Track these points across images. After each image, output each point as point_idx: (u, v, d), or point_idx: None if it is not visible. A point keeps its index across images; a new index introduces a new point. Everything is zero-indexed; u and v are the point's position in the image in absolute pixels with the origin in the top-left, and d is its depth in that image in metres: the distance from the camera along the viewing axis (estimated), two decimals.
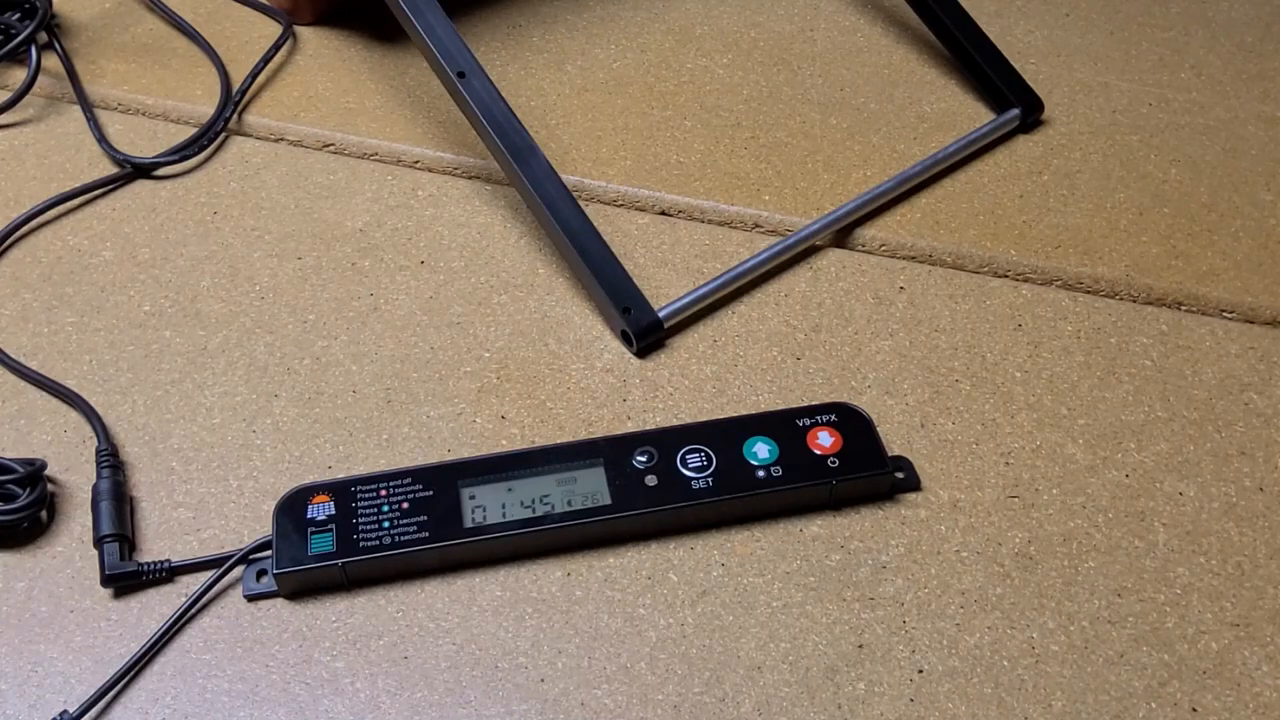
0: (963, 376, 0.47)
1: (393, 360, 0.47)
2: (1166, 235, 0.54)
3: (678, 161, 0.57)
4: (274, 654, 0.38)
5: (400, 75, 0.62)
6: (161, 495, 0.43)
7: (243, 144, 0.58)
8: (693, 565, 0.41)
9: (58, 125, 0.59)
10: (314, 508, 0.40)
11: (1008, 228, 0.54)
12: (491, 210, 0.54)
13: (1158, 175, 0.57)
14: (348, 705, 0.37)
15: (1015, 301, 0.51)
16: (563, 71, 0.62)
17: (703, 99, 0.61)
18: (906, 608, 0.39)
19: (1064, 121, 0.60)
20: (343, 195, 0.55)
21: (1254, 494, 0.43)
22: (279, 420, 0.45)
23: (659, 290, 0.50)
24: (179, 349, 0.48)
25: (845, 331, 0.49)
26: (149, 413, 0.45)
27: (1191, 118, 0.61)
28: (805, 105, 0.61)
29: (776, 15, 0.67)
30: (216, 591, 0.40)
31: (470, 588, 0.40)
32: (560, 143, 0.58)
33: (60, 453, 0.44)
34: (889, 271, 0.52)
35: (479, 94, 0.50)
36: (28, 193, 0.54)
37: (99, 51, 0.63)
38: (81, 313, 0.49)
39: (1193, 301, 0.51)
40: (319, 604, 0.39)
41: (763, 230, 0.54)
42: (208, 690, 0.37)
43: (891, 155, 0.58)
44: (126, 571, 0.39)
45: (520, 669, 0.38)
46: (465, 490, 0.41)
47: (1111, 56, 0.65)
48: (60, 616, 0.39)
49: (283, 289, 0.50)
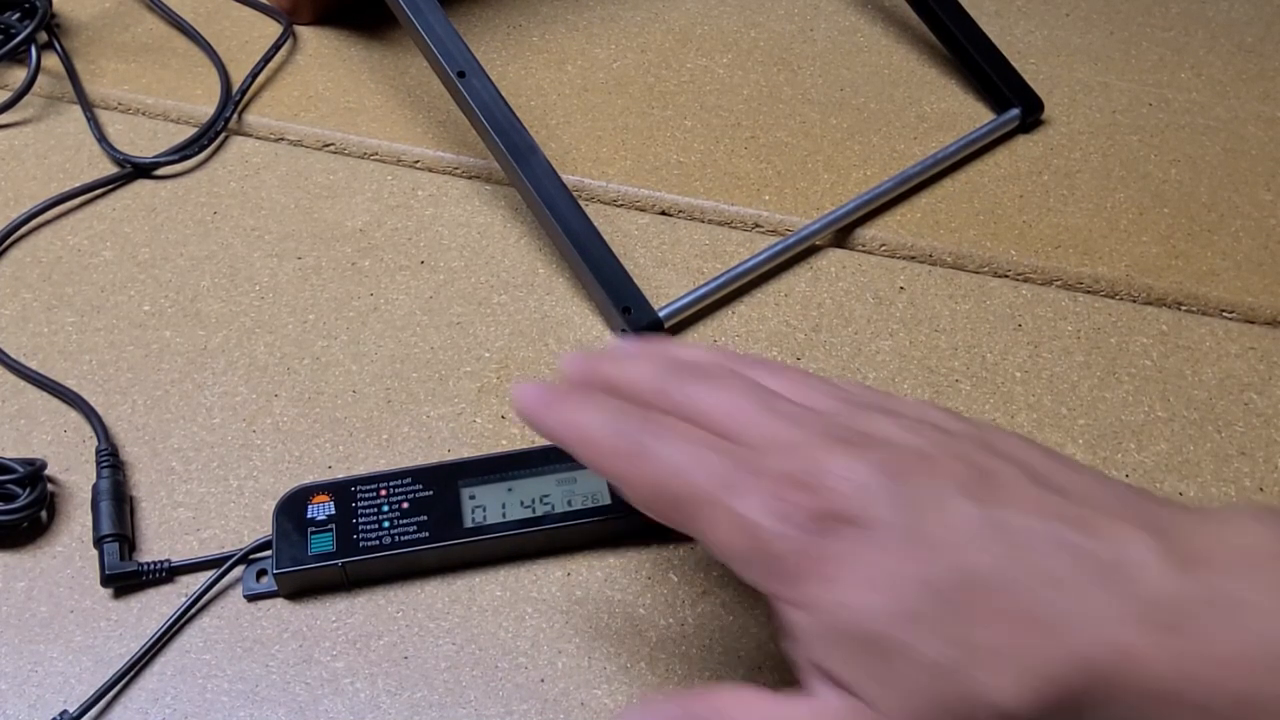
0: (963, 376, 0.47)
1: (393, 360, 0.47)
2: (1166, 235, 0.54)
3: (678, 161, 0.57)
4: (274, 654, 0.38)
5: (400, 75, 0.62)
6: (161, 495, 0.43)
7: (243, 144, 0.58)
8: (693, 565, 0.41)
9: (58, 125, 0.59)
10: (314, 508, 0.40)
11: (1008, 228, 0.54)
12: (491, 210, 0.54)
13: (1158, 175, 0.57)
14: (348, 705, 0.37)
15: (1015, 301, 0.51)
16: (563, 71, 0.62)
17: (703, 99, 0.61)
18: None
19: (1064, 121, 0.60)
20: (343, 195, 0.55)
21: (1254, 494, 0.43)
22: (279, 420, 0.45)
23: (659, 290, 0.50)
24: (179, 349, 0.48)
25: (845, 331, 0.49)
26: (149, 413, 0.45)
27: (1191, 118, 0.61)
28: (805, 105, 0.61)
29: (776, 15, 0.67)
30: (216, 591, 0.40)
31: (470, 588, 0.40)
32: (560, 143, 0.58)
33: (60, 453, 0.44)
34: (889, 271, 0.52)
35: (479, 94, 0.50)
36: (28, 193, 0.54)
37: (99, 51, 0.63)
38: (81, 313, 0.49)
39: (1193, 301, 0.51)
40: (319, 604, 0.39)
41: (763, 230, 0.54)
42: (208, 690, 0.37)
43: (891, 155, 0.58)
44: (126, 571, 0.39)
45: (520, 669, 0.38)
46: (465, 490, 0.41)
47: (1111, 56, 0.65)
48: (60, 616, 0.39)
49: (283, 289, 0.50)
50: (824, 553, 0.26)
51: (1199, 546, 0.25)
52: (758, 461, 0.27)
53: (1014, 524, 0.25)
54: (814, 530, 0.26)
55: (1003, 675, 0.24)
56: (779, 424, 0.28)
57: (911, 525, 0.25)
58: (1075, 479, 0.27)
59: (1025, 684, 0.24)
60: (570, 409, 0.30)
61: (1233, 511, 0.26)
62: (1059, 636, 0.24)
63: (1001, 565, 0.25)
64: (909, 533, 0.25)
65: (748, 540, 0.26)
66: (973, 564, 0.25)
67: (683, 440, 0.28)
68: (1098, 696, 0.24)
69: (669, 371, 0.30)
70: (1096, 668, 0.24)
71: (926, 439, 0.27)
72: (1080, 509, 0.26)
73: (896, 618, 0.25)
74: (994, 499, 0.26)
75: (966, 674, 0.24)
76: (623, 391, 0.31)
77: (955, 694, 0.24)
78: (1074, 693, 0.24)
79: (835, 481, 0.26)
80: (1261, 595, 0.24)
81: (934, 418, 0.29)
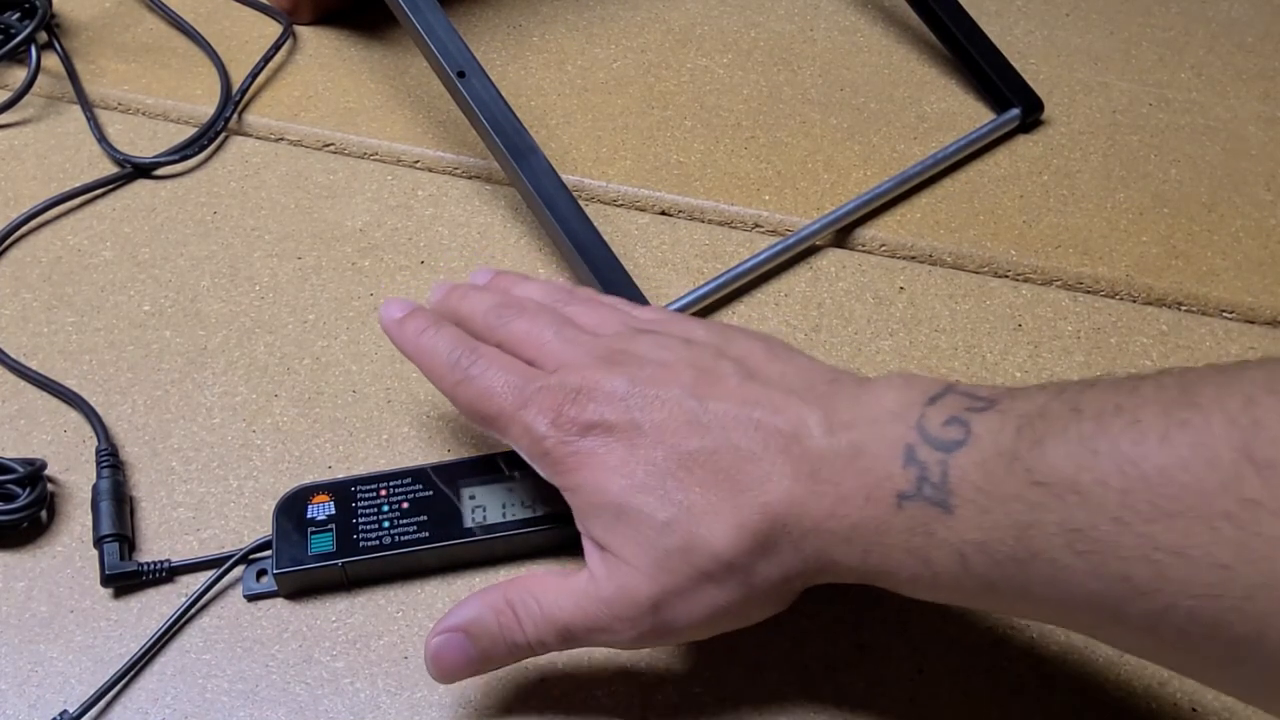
0: (963, 376, 0.47)
1: (393, 360, 0.47)
2: (1166, 235, 0.54)
3: (678, 161, 0.57)
4: (274, 654, 0.38)
5: (400, 75, 0.62)
6: (161, 495, 0.43)
7: (243, 144, 0.58)
8: None
9: (58, 125, 0.59)
10: (314, 507, 0.40)
11: (1008, 228, 0.54)
12: (491, 210, 0.54)
13: (1158, 175, 0.57)
14: (348, 705, 0.37)
15: (1015, 301, 0.51)
16: (563, 71, 0.62)
17: (703, 99, 0.61)
18: (907, 607, 0.39)
19: (1064, 121, 0.60)
20: (343, 195, 0.55)
21: None
22: (279, 420, 0.45)
23: (659, 290, 0.50)
24: (179, 349, 0.48)
25: (845, 331, 0.49)
26: (149, 413, 0.45)
27: (1191, 118, 0.61)
28: (805, 105, 0.61)
29: (776, 15, 0.67)
30: (216, 591, 0.40)
31: (470, 588, 0.40)
32: (560, 143, 0.58)
33: (60, 453, 0.44)
34: (889, 271, 0.52)
35: (479, 94, 0.50)
36: (28, 193, 0.54)
37: (99, 51, 0.63)
38: (81, 313, 0.49)
39: (1193, 301, 0.51)
40: (319, 604, 0.39)
41: (763, 230, 0.54)
42: (208, 690, 0.37)
43: (891, 155, 0.58)
44: (126, 571, 0.39)
45: (520, 669, 0.38)
46: (465, 490, 0.41)
47: (1111, 56, 0.65)
48: (60, 616, 0.39)
49: (283, 289, 0.50)
50: (583, 449, 0.34)
51: (847, 413, 0.32)
52: (546, 380, 0.35)
53: (720, 411, 0.33)
54: (577, 433, 0.34)
55: (714, 527, 0.32)
56: (567, 349, 0.36)
57: (645, 421, 0.34)
58: (781, 369, 0.35)
59: (731, 532, 0.32)
60: (420, 334, 0.39)
61: (880, 380, 0.33)
62: (751, 494, 0.32)
63: (708, 444, 0.33)
64: (643, 428, 0.34)
65: (536, 444, 0.35)
66: (687, 446, 0.33)
67: (495, 367, 0.36)
68: (780, 535, 0.32)
69: (500, 308, 0.39)
70: (777, 514, 0.32)
71: (672, 352, 0.36)
72: (773, 393, 0.33)
73: (632, 491, 0.33)
74: (710, 394, 0.34)
75: (687, 528, 0.32)
76: (464, 322, 0.39)
77: (681, 544, 0.32)
78: (765, 534, 0.32)
79: (596, 394, 0.34)
80: (875, 444, 0.31)
81: (685, 332, 0.37)
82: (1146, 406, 0.27)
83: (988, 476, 0.29)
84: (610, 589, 0.33)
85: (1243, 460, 0.25)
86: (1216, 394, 0.27)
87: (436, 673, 0.35)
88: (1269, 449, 0.25)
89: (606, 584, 0.33)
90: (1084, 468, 0.27)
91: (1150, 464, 0.26)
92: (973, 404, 0.31)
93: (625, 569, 0.33)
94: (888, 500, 0.30)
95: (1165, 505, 0.26)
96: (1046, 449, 0.28)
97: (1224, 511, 0.25)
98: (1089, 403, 0.29)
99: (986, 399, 0.31)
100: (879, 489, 0.31)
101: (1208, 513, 0.25)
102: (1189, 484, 0.26)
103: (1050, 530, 0.28)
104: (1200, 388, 0.27)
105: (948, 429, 0.30)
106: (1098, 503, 0.27)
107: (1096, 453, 0.27)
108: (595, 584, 0.33)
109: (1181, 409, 0.27)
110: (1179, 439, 0.26)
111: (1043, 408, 0.29)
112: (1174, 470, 0.26)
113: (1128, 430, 0.27)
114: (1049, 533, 0.28)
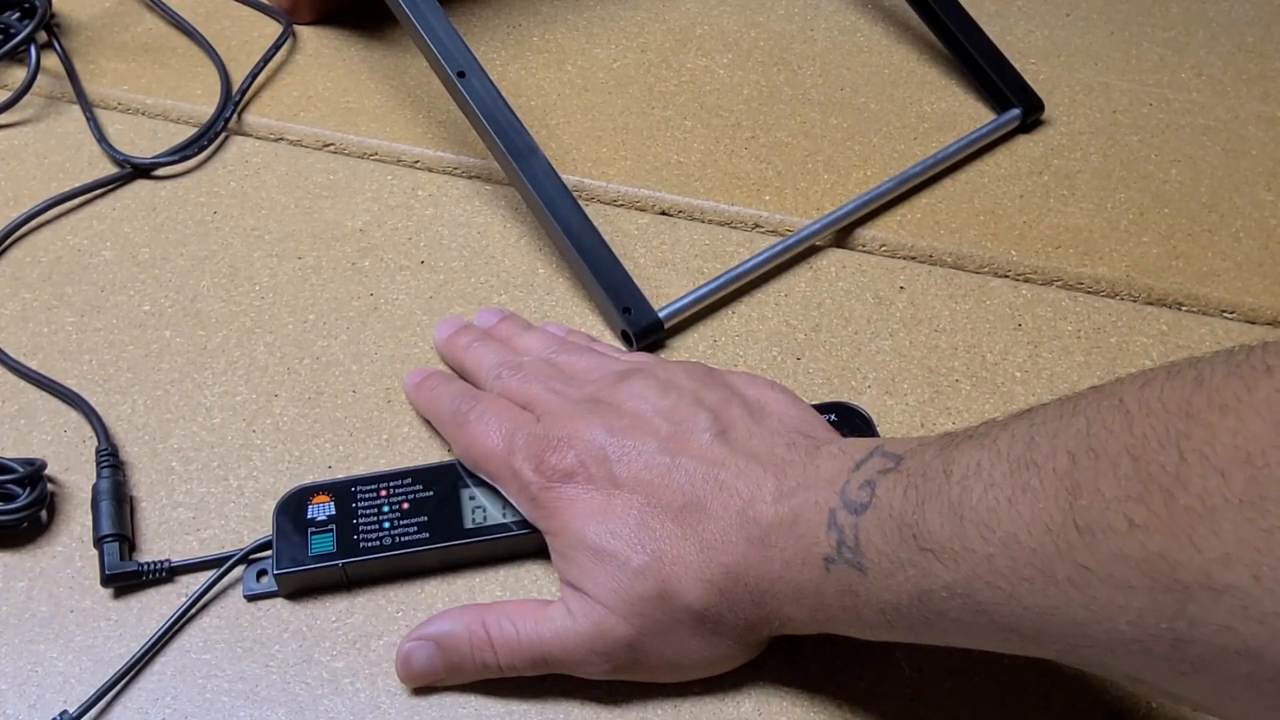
0: (963, 376, 0.47)
1: (393, 360, 0.47)
2: (1166, 235, 0.54)
3: (678, 161, 0.57)
4: (274, 654, 0.38)
5: (400, 75, 0.62)
6: (161, 495, 0.43)
7: (243, 144, 0.58)
8: None
9: (57, 125, 0.59)
10: (314, 508, 0.40)
11: (1008, 228, 0.54)
12: (491, 210, 0.54)
13: (1158, 175, 0.57)
14: (348, 705, 0.37)
15: (1015, 301, 0.51)
16: (563, 71, 0.62)
17: (703, 99, 0.61)
18: None
19: (1064, 121, 0.60)
20: (343, 195, 0.55)
21: None
22: (279, 420, 0.45)
23: (659, 290, 0.50)
24: (179, 349, 0.48)
25: (845, 331, 0.49)
26: (149, 413, 0.45)
27: (1191, 118, 0.61)
28: (805, 105, 0.61)
29: (776, 15, 0.67)
30: (216, 591, 0.40)
31: (470, 588, 0.40)
32: (560, 143, 0.58)
33: (60, 453, 0.44)
34: (889, 271, 0.52)
35: (479, 94, 0.50)
36: (27, 193, 0.54)
37: (99, 51, 0.63)
38: (81, 313, 0.49)
39: (1193, 302, 0.51)
40: (319, 604, 0.39)
41: (763, 230, 0.54)
42: (208, 690, 0.37)
43: (891, 155, 0.58)
44: (126, 571, 0.39)
45: None
46: (465, 490, 0.41)
47: (1111, 56, 0.65)
48: (60, 616, 0.39)
49: (283, 289, 0.50)
50: (565, 495, 0.37)
51: (794, 479, 0.34)
52: (532, 428, 0.38)
53: (690, 469, 0.36)
54: (559, 480, 0.37)
55: (685, 580, 0.34)
56: (553, 399, 0.39)
57: (621, 473, 0.36)
58: (749, 429, 0.37)
59: (699, 586, 0.34)
60: (430, 391, 0.43)
61: (829, 444, 0.35)
62: (714, 553, 0.34)
63: (678, 500, 0.35)
64: (619, 478, 0.36)
65: (523, 489, 0.38)
66: (659, 499, 0.36)
67: (490, 414, 0.40)
68: (741, 591, 0.34)
69: (499, 366, 0.42)
70: (737, 574, 0.34)
71: (650, 403, 0.38)
72: (738, 458, 0.36)
73: (609, 536, 0.35)
74: (682, 450, 0.36)
75: (660, 576, 0.34)
76: (468, 375, 0.44)
77: (656, 591, 0.34)
78: (729, 590, 0.34)
79: (575, 443, 0.37)
80: (808, 510, 0.33)
81: (667, 376, 0.40)
82: (999, 465, 0.28)
83: (886, 539, 0.31)
84: (587, 625, 0.35)
85: (1069, 525, 0.26)
86: (1049, 450, 0.27)
87: (404, 675, 0.37)
88: (1085, 514, 0.26)
89: (584, 621, 0.35)
90: (955, 535, 0.29)
91: (1004, 529, 0.27)
92: (885, 465, 0.32)
93: (600, 609, 0.35)
94: (817, 564, 0.32)
95: (1021, 570, 0.27)
96: (926, 513, 0.30)
97: (1066, 576, 0.26)
98: (958, 462, 0.30)
99: (897, 456, 0.32)
100: (810, 554, 0.33)
101: (1055, 577, 0.26)
102: (1036, 549, 0.27)
103: (943, 595, 0.29)
104: (1040, 442, 0.28)
105: (860, 492, 0.32)
106: (971, 568, 0.28)
107: (962, 519, 0.29)
108: (573, 619, 0.35)
109: (1024, 469, 0.28)
110: (1022, 503, 0.27)
111: (925, 466, 0.31)
112: (1021, 535, 0.27)
113: (986, 494, 0.28)
114: (942, 596, 0.29)
